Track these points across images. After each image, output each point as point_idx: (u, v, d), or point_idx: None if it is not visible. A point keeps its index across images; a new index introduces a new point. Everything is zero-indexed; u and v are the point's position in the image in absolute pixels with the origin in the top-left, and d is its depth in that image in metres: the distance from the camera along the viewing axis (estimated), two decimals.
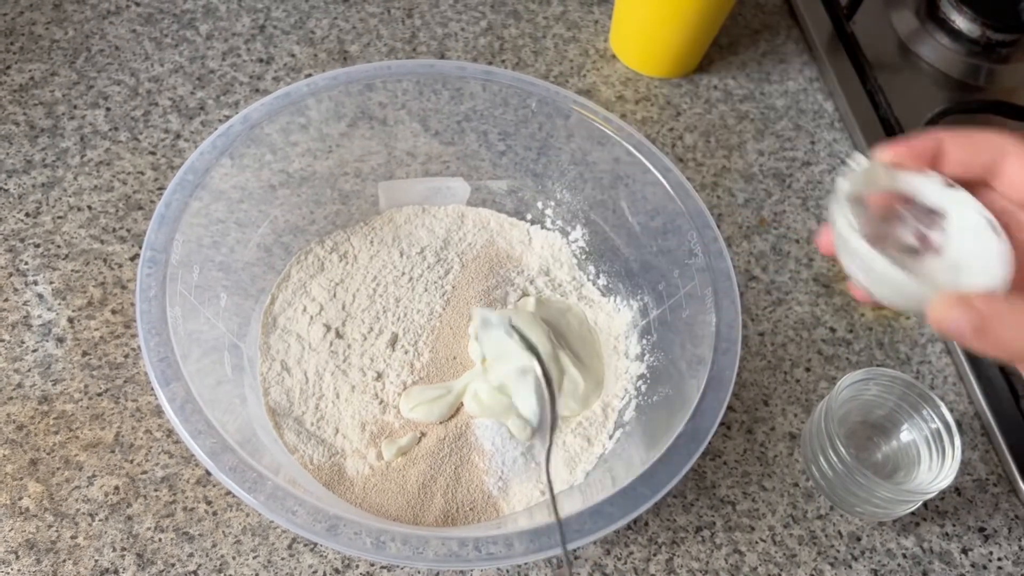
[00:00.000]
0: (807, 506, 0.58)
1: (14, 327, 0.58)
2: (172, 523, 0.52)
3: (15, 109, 0.69)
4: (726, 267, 0.53)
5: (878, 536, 0.57)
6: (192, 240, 0.53)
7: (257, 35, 0.77)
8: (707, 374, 0.48)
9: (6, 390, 0.56)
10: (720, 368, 0.48)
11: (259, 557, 0.52)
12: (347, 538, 0.42)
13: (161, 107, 0.71)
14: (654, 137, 0.76)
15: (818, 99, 0.81)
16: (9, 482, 0.53)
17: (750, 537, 0.56)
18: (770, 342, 0.65)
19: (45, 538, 0.51)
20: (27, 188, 0.65)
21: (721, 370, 0.48)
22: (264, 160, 0.58)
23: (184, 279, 0.51)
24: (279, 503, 0.42)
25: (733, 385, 0.47)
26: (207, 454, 0.43)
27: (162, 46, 0.75)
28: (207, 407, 0.45)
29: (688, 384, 0.50)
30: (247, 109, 0.56)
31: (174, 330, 0.48)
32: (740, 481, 0.58)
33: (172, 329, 0.48)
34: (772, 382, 0.63)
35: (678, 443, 0.46)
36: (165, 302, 0.49)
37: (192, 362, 0.48)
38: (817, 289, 0.68)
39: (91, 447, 0.54)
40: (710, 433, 0.46)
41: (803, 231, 0.71)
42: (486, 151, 0.65)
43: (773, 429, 0.61)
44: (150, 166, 0.68)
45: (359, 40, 0.78)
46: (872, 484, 0.53)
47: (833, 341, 0.65)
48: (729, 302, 0.51)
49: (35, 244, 0.62)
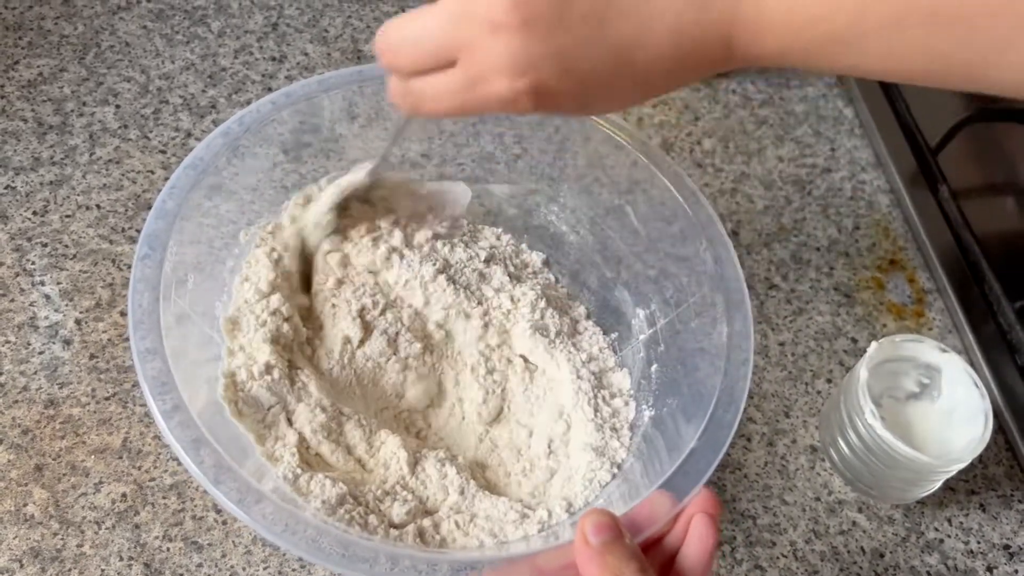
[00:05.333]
0: (829, 521, 0.56)
1: (20, 328, 0.57)
2: (181, 532, 0.51)
3: (23, 105, 0.68)
4: (736, 275, 0.52)
5: (901, 553, 0.56)
6: (203, 241, 0.52)
7: (270, 33, 0.76)
8: (718, 388, 0.46)
9: (11, 393, 0.55)
10: (732, 380, 0.47)
11: (269, 568, 0.50)
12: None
13: (172, 105, 0.70)
14: (672, 142, 0.74)
15: (838, 105, 0.79)
16: (14, 488, 0.51)
17: (771, 552, 0.55)
18: (791, 352, 0.63)
19: (50, 546, 0.50)
20: (35, 186, 0.64)
21: (733, 382, 0.46)
22: (276, 160, 0.57)
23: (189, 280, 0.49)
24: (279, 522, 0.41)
25: (746, 400, 0.46)
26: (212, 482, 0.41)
27: (173, 43, 0.74)
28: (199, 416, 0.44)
29: (699, 398, 0.48)
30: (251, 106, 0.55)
31: (167, 333, 0.46)
32: (761, 495, 0.57)
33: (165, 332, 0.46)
34: (793, 393, 0.62)
35: (691, 459, 0.44)
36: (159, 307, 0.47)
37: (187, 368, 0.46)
38: (838, 299, 0.67)
39: (98, 453, 0.53)
40: (720, 453, 0.45)
41: (823, 239, 0.70)
42: (501, 153, 0.64)
43: (794, 442, 0.59)
44: (160, 165, 0.66)
45: (373, 39, 0.77)
46: (895, 451, 0.52)
47: (855, 352, 0.64)
48: (741, 315, 0.50)
49: (42, 243, 0.61)
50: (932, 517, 0.57)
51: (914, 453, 0.51)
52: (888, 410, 0.56)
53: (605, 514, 0.36)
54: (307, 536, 0.41)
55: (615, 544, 0.35)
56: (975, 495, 0.59)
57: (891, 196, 0.74)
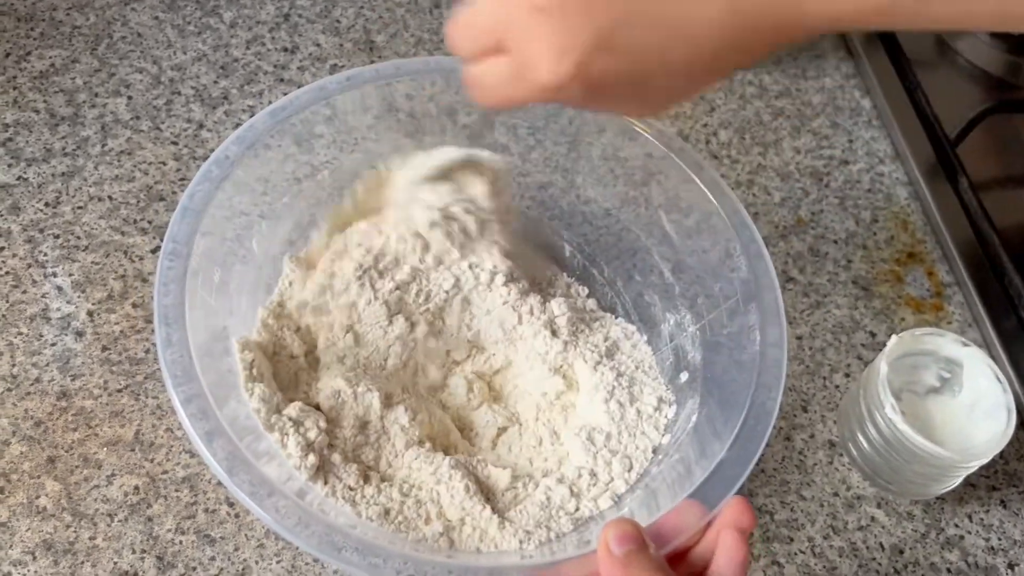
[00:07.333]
0: (848, 516, 0.56)
1: (32, 320, 0.57)
2: (193, 525, 0.51)
3: (35, 96, 0.68)
4: (766, 267, 0.51)
5: (921, 549, 0.55)
6: (215, 233, 0.51)
7: (282, 23, 0.76)
8: (750, 396, 0.45)
9: (24, 385, 0.54)
10: (765, 387, 0.45)
11: (283, 562, 0.50)
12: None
13: (184, 96, 0.70)
14: (687, 133, 0.74)
15: (855, 96, 0.78)
16: (26, 480, 0.51)
17: (789, 548, 0.54)
18: (808, 346, 0.63)
19: (63, 539, 0.49)
20: (47, 177, 0.64)
21: (767, 390, 0.45)
22: (288, 152, 0.57)
23: (205, 273, 0.49)
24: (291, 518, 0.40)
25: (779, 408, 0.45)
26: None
27: (185, 34, 0.74)
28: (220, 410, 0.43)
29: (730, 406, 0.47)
30: (277, 103, 0.54)
31: (191, 326, 0.46)
32: (778, 490, 0.56)
33: (189, 325, 0.46)
34: (811, 388, 0.61)
35: (720, 469, 0.43)
36: (184, 298, 0.47)
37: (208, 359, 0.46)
38: (856, 292, 0.66)
39: (110, 445, 0.53)
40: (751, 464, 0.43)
41: (841, 231, 0.69)
42: (515, 145, 0.63)
43: (812, 436, 0.59)
44: (172, 156, 0.66)
45: (385, 30, 0.76)
46: (916, 446, 0.51)
47: (873, 346, 0.63)
48: (774, 317, 0.49)
49: (54, 235, 0.61)
50: (952, 513, 0.56)
51: (935, 448, 0.51)
52: (908, 405, 0.56)
53: (629, 523, 0.35)
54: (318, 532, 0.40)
55: (639, 554, 0.34)
56: (996, 491, 0.58)
57: (910, 188, 0.73)
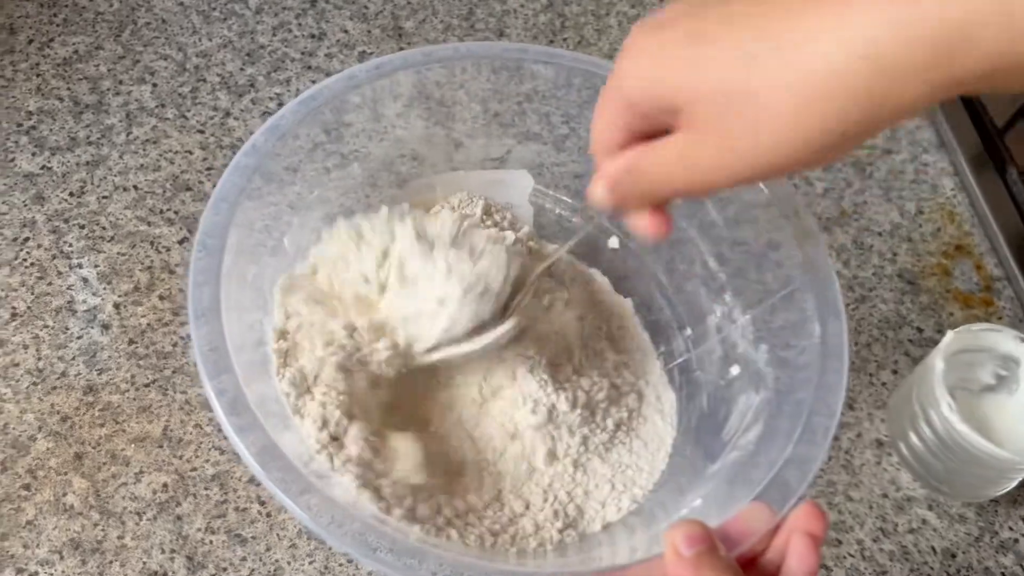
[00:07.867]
0: (898, 519, 0.54)
1: (58, 312, 0.56)
2: (224, 524, 0.49)
3: (59, 84, 0.66)
4: (823, 257, 0.49)
5: (975, 553, 0.53)
6: (243, 224, 0.50)
7: (308, 9, 0.74)
8: (812, 392, 0.43)
9: (50, 379, 0.53)
10: (827, 382, 0.43)
11: (315, 563, 0.48)
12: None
13: (209, 83, 0.68)
14: None
15: None
16: (53, 477, 0.50)
17: (837, 552, 0.52)
18: (854, 342, 0.61)
19: (91, 537, 0.48)
20: (71, 167, 0.62)
21: (829, 384, 0.43)
22: (317, 140, 0.55)
23: (237, 265, 0.48)
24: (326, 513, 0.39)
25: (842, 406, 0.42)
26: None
27: (210, 20, 0.72)
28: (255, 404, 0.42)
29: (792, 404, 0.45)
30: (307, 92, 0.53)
31: (227, 319, 0.45)
32: (825, 491, 0.54)
33: (225, 318, 0.45)
34: (857, 385, 0.59)
35: (785, 469, 0.41)
36: (219, 290, 0.45)
37: (242, 354, 0.44)
38: (902, 286, 0.64)
39: (138, 441, 0.51)
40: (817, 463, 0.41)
41: (885, 223, 0.67)
42: (548, 134, 0.61)
43: (859, 435, 0.57)
44: (198, 145, 0.64)
45: (414, 16, 0.75)
46: (973, 446, 0.49)
47: (920, 342, 0.61)
48: (832, 309, 0.46)
49: (80, 225, 0.60)
50: (1006, 516, 0.54)
51: (995, 449, 0.48)
52: (962, 403, 0.53)
53: (697, 524, 0.33)
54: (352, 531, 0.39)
55: (710, 555, 0.33)
56: None
57: (955, 179, 0.70)
